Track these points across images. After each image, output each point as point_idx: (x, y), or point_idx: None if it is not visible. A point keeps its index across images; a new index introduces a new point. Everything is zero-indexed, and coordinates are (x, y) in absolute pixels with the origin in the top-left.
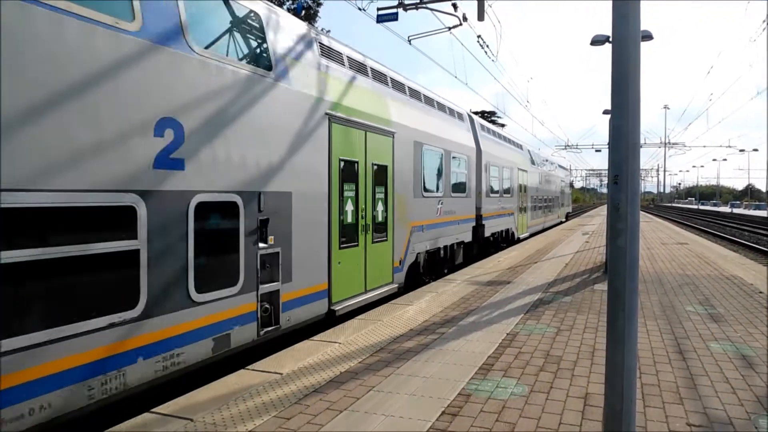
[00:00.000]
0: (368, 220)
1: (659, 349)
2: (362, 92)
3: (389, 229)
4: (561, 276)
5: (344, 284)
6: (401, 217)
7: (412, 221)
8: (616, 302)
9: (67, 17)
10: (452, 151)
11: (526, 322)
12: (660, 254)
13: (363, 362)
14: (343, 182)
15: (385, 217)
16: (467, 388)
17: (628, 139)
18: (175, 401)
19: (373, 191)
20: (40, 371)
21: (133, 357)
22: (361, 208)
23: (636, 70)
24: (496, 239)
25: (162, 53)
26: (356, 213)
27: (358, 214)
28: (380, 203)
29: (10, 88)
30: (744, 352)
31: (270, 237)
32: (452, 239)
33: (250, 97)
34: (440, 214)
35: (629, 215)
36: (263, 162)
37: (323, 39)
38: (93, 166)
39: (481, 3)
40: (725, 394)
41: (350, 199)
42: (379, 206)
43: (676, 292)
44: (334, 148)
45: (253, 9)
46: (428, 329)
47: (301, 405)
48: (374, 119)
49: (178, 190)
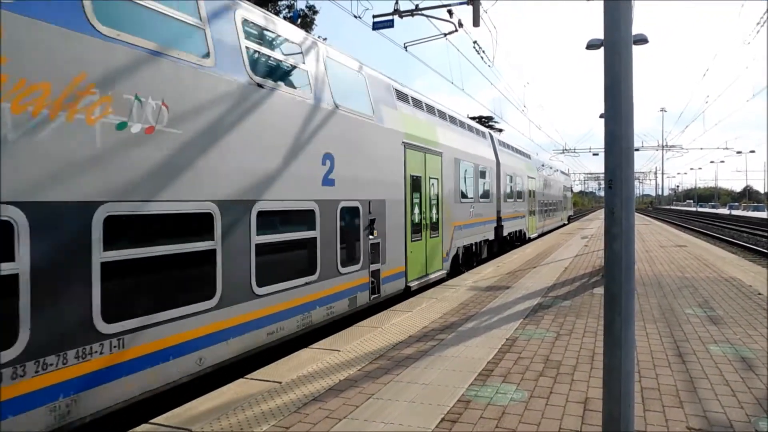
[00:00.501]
0: (427, 220)
1: (659, 352)
2: (421, 123)
3: (440, 228)
4: (560, 280)
5: (414, 268)
6: (447, 218)
7: (454, 222)
8: (613, 306)
9: (294, 99)
10: (479, 165)
11: (525, 327)
12: (659, 257)
13: (362, 370)
14: (412, 192)
15: (437, 218)
16: (467, 394)
17: (622, 144)
18: (174, 412)
19: (429, 198)
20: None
21: (314, 306)
22: (423, 211)
23: (629, 74)
24: (512, 238)
25: (332, 113)
26: (420, 215)
27: (421, 215)
28: (434, 208)
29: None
30: (744, 354)
31: (375, 231)
32: (480, 237)
33: (364, 134)
34: (472, 216)
35: (624, 219)
36: (371, 178)
37: (396, 85)
38: (302, 186)
39: (477, 9)
40: (725, 396)
41: (416, 205)
42: (434, 210)
43: (675, 294)
44: (407, 167)
45: (362, 74)
46: (427, 335)
47: (301, 414)
48: (430, 143)
49: (333, 199)
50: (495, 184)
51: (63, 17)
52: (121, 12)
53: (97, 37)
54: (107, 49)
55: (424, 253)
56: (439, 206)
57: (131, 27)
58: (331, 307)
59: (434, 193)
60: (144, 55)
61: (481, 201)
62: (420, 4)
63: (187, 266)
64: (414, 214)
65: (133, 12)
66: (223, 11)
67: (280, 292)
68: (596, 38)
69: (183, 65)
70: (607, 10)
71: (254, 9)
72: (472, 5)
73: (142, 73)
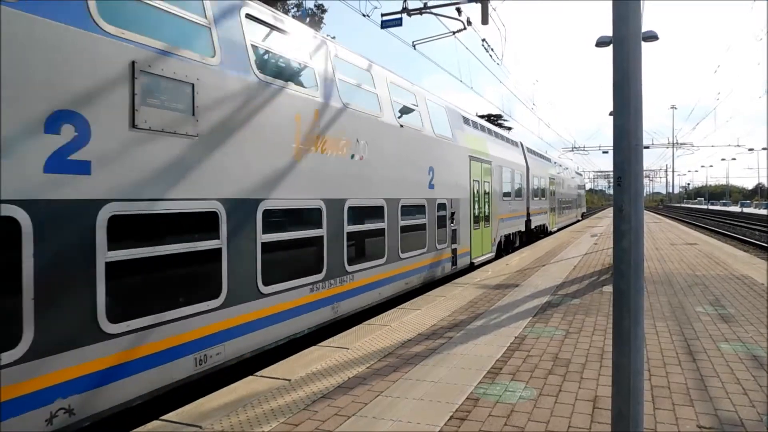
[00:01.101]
0: (482, 213)
1: (669, 350)
2: (478, 139)
3: (491, 220)
4: (569, 278)
5: (476, 249)
6: (494, 212)
7: (498, 216)
8: (622, 303)
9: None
10: (514, 169)
11: (534, 325)
12: (669, 255)
13: (371, 367)
14: (473, 192)
15: (488, 213)
16: (475, 392)
17: (631, 140)
18: (184, 409)
19: (483, 197)
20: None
21: (424, 269)
22: (480, 207)
23: (637, 69)
24: (537, 231)
25: (433, 139)
26: (478, 209)
27: (478, 210)
28: (486, 204)
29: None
30: (755, 352)
31: (454, 220)
32: (515, 229)
33: (448, 152)
34: (510, 211)
35: (633, 216)
36: (452, 182)
37: (462, 112)
38: (418, 188)
39: (485, 6)
40: (736, 395)
41: (476, 202)
42: (486, 206)
43: (685, 292)
44: (471, 173)
45: (443, 107)
46: (436, 333)
47: (309, 411)
48: (483, 155)
49: (433, 198)
50: (525, 185)
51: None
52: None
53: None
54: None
55: (481, 238)
56: (489, 203)
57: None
58: (434, 270)
59: (486, 193)
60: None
61: (516, 199)
62: (428, 3)
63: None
64: (475, 208)
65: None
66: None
67: (411, 258)
68: (606, 35)
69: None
70: (616, 5)
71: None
72: (481, 3)
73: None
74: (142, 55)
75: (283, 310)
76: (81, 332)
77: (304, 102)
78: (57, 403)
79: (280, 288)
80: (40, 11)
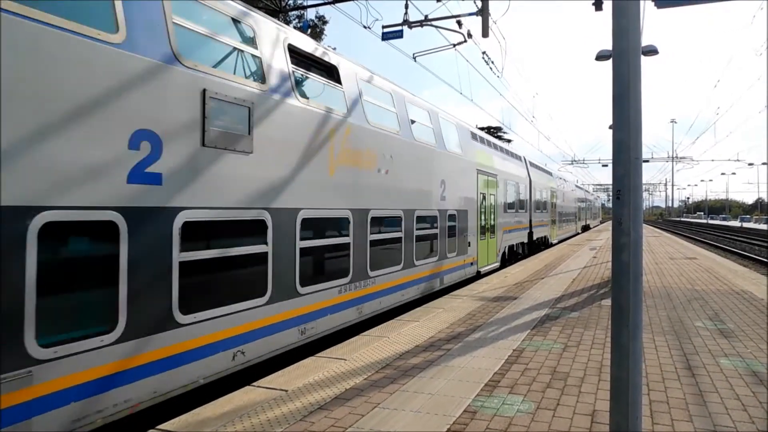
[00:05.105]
0: (488, 225)
1: (668, 365)
2: (485, 154)
3: (495, 231)
4: (568, 291)
5: (482, 259)
6: (499, 224)
7: (503, 227)
8: (620, 317)
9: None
10: (519, 183)
11: (532, 338)
12: (668, 269)
13: (368, 379)
14: (480, 204)
15: (494, 224)
16: (473, 404)
17: (630, 154)
18: (181, 418)
19: (489, 209)
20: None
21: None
22: (486, 219)
23: (637, 82)
24: (539, 242)
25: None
26: (484, 221)
27: (485, 221)
28: (492, 216)
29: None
30: (755, 368)
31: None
32: (518, 240)
33: (458, 166)
34: (513, 223)
35: (632, 230)
36: (462, 194)
37: (471, 129)
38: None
39: (486, 20)
40: (735, 411)
41: (482, 213)
42: (492, 218)
43: (684, 307)
44: (479, 187)
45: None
46: (434, 345)
47: (306, 422)
48: (490, 169)
49: (444, 209)
50: (528, 198)
51: None
52: None
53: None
54: None
55: (487, 248)
56: (495, 215)
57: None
58: (449, 276)
59: (492, 206)
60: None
61: (519, 212)
62: (429, 15)
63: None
64: (481, 220)
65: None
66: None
67: (426, 264)
68: (606, 49)
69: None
70: (616, 19)
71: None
72: (481, 16)
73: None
74: (210, 83)
75: (315, 310)
76: (161, 321)
77: (336, 122)
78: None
79: (314, 289)
80: (138, 50)
